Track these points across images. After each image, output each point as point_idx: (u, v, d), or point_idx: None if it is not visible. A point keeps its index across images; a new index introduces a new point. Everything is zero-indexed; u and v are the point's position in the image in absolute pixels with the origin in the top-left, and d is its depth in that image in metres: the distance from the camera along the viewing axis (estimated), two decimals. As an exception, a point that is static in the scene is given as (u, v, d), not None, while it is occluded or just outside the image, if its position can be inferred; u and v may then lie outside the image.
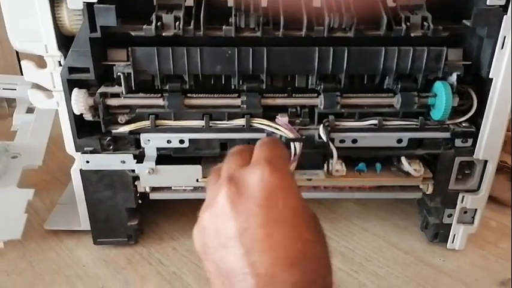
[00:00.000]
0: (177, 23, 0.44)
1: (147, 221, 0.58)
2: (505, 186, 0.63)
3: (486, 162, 0.50)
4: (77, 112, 0.46)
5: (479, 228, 0.54)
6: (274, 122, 0.47)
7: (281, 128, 0.47)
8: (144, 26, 0.43)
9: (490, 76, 0.45)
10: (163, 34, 0.44)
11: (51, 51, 0.45)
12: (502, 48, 0.44)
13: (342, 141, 0.48)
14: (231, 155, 0.35)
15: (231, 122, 0.48)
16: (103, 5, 0.42)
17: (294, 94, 0.48)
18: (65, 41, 0.45)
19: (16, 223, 0.49)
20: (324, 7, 0.44)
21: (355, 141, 0.48)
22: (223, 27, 0.44)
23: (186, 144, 0.48)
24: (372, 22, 0.45)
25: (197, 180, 0.50)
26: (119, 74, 0.46)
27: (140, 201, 0.53)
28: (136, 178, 0.51)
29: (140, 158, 0.49)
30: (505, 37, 0.43)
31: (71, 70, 0.45)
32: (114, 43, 0.46)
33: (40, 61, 0.46)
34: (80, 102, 0.45)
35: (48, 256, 0.54)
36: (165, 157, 0.49)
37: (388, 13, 0.45)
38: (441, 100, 0.46)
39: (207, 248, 0.31)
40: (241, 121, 0.47)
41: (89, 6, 0.42)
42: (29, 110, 0.67)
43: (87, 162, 0.49)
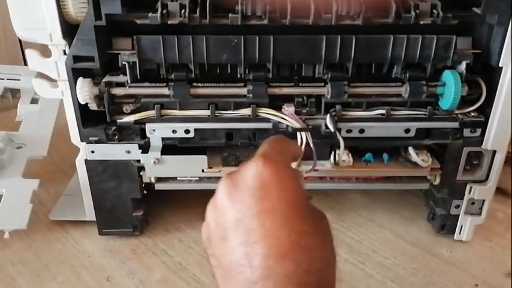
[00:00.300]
0: (183, 11, 0.43)
1: (153, 212, 0.57)
2: (513, 177, 0.62)
3: (494, 152, 0.49)
4: (82, 101, 0.46)
5: (486, 219, 0.53)
6: (280, 112, 0.47)
7: (287, 118, 0.47)
8: (150, 14, 0.43)
9: (500, 65, 0.44)
10: (168, 22, 0.43)
11: (55, 39, 0.44)
12: (513, 36, 0.43)
13: (349, 131, 0.48)
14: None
15: (237, 112, 0.47)
16: (108, -7, 0.41)
17: (301, 83, 0.47)
18: (70, 30, 0.44)
19: (21, 213, 0.49)
20: (332, -6, 0.44)
21: (362, 131, 0.48)
22: (229, 15, 0.43)
23: (192, 134, 0.48)
24: (381, 10, 0.44)
25: (203, 170, 0.50)
26: (124, 63, 0.45)
27: (145, 191, 0.53)
28: (141, 168, 0.50)
29: (145, 148, 0.49)
30: (516, 25, 0.43)
31: (76, 59, 0.44)
32: (119, 32, 0.45)
33: (44, 51, 0.46)
34: (85, 91, 0.45)
35: (53, 246, 0.53)
36: (171, 147, 0.49)
37: (397, 0, 0.44)
38: (450, 89, 0.45)
39: (211, 243, 0.32)
40: (247, 111, 0.47)
41: (94, -7, 0.41)
42: (34, 101, 0.67)
43: (92, 152, 0.49)
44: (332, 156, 0.50)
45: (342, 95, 0.47)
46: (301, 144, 0.46)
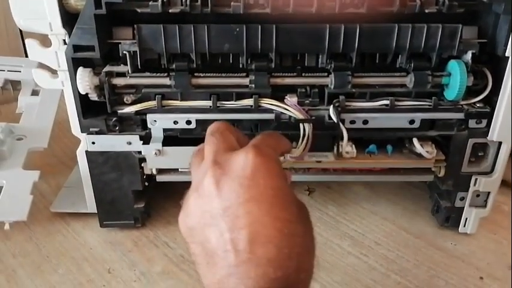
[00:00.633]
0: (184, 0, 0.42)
1: (154, 204, 0.57)
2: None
3: (500, 144, 0.48)
4: (82, 92, 0.45)
5: (491, 212, 0.53)
6: (283, 103, 0.46)
7: (290, 109, 0.46)
8: (150, 3, 0.42)
9: (506, 54, 0.44)
10: (169, 11, 0.43)
11: (55, 29, 0.44)
12: (519, 25, 0.42)
13: (353, 122, 0.47)
14: (213, 136, 0.36)
15: (239, 102, 0.47)
16: (108, -19, 0.41)
17: (304, 73, 0.47)
18: (70, 19, 0.43)
19: (22, 205, 0.49)
20: (336, -18, 0.43)
21: (366, 122, 0.47)
22: (231, 3, 0.43)
23: (193, 125, 0.47)
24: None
25: (204, 162, 0.49)
26: (125, 53, 0.45)
27: (147, 183, 0.52)
28: (142, 160, 0.50)
29: (146, 139, 0.48)
30: (523, 13, 0.42)
31: (76, 48, 0.44)
32: (119, 21, 0.45)
33: (45, 41, 0.45)
34: (85, 81, 0.44)
35: (54, 239, 0.53)
36: (172, 138, 0.49)
37: (402, -12, 0.43)
38: (455, 79, 0.45)
39: (193, 231, 0.32)
40: (249, 101, 0.46)
41: (94, -19, 0.41)
42: (34, 93, 0.66)
43: (92, 143, 0.48)
44: (335, 147, 0.49)
45: (346, 85, 0.46)
46: (303, 136, 0.46)
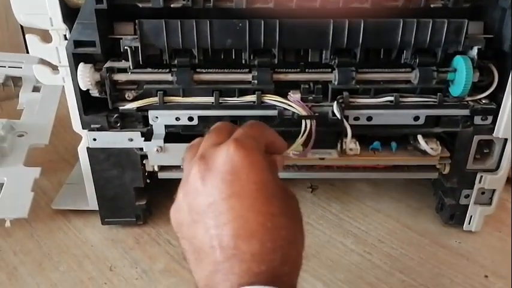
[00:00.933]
0: (186, -6, 0.42)
1: (156, 201, 0.57)
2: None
3: (506, 140, 0.48)
4: (83, 87, 0.45)
5: (496, 209, 0.52)
6: (286, 99, 0.46)
7: (293, 105, 0.45)
8: (152, -3, 0.42)
9: (513, 50, 0.43)
10: (171, 6, 0.42)
11: (56, 24, 0.43)
12: (526, 20, 0.42)
13: (356, 118, 0.47)
14: (209, 133, 0.36)
15: (242, 99, 0.46)
16: (109, -25, 0.40)
17: (307, 69, 0.46)
18: (71, 14, 0.43)
19: (22, 202, 0.48)
20: (340, -23, 0.42)
21: (370, 118, 0.47)
22: (234, -2, 0.42)
23: (195, 121, 0.47)
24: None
25: (207, 158, 0.49)
26: (126, 48, 0.44)
27: (148, 180, 0.52)
28: (144, 157, 0.49)
29: (148, 136, 0.48)
30: (530, 8, 0.41)
31: (77, 44, 0.43)
32: (120, 16, 0.44)
33: (46, 36, 0.45)
34: (86, 77, 0.44)
35: (56, 236, 0.53)
36: (174, 135, 0.48)
37: (407, -17, 0.43)
38: (461, 75, 0.44)
39: (182, 226, 0.33)
40: (252, 97, 0.46)
41: (95, -24, 0.40)
42: (35, 89, 0.66)
43: (94, 140, 0.48)
44: (339, 144, 0.49)
45: (350, 81, 0.45)
46: (303, 132, 0.45)
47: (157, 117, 0.47)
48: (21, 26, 0.76)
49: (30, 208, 0.48)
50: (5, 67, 0.68)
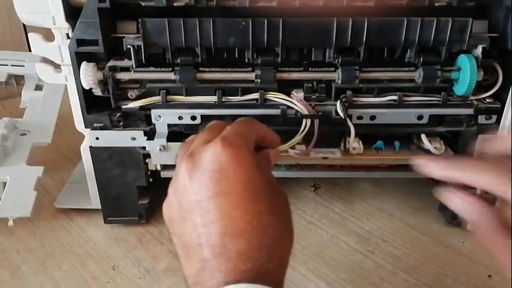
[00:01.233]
0: (189, -7, 0.42)
1: (158, 200, 0.56)
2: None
3: (510, 140, 0.48)
4: (86, 86, 0.45)
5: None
6: (289, 97, 0.46)
7: (296, 103, 0.45)
8: (155, -4, 0.42)
9: (517, 49, 0.43)
10: (174, 4, 0.42)
11: (58, 23, 0.43)
12: (531, 19, 0.42)
13: (360, 117, 0.47)
14: (203, 131, 0.36)
15: (245, 97, 0.46)
16: (111, -27, 0.40)
17: (311, 68, 0.46)
18: (73, 13, 0.43)
19: (25, 201, 0.48)
20: (343, -25, 0.42)
21: (373, 117, 0.47)
22: (237, -4, 0.42)
23: (198, 120, 0.47)
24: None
25: (209, 157, 0.49)
26: (129, 47, 0.44)
27: (151, 179, 0.52)
28: (147, 155, 0.49)
29: (151, 135, 0.48)
30: (535, 7, 0.41)
31: (79, 43, 0.43)
32: (123, 14, 0.44)
33: (48, 35, 0.45)
34: (89, 76, 0.44)
35: (58, 234, 0.53)
36: (177, 134, 0.48)
37: (411, -19, 0.42)
38: (465, 74, 0.44)
39: (173, 222, 0.34)
40: (255, 95, 0.46)
41: (97, -26, 0.40)
42: (38, 87, 0.66)
43: (96, 139, 0.48)
44: (342, 143, 0.49)
45: (353, 80, 0.45)
46: (303, 130, 0.45)
47: (160, 116, 0.47)
48: (23, 25, 0.76)
49: (33, 207, 0.48)
50: (8, 65, 0.69)
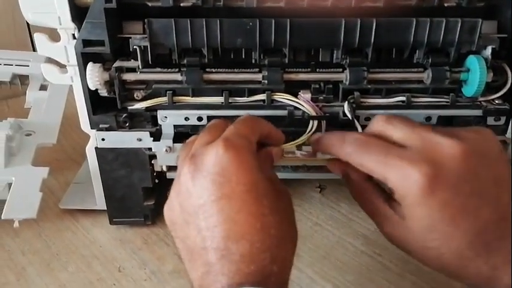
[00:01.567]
0: (196, -7, 0.41)
1: (164, 201, 0.55)
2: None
3: (519, 141, 0.47)
4: (92, 87, 0.44)
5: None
6: (296, 98, 0.45)
7: (303, 103, 0.45)
8: (161, -4, 0.41)
9: (527, 50, 0.43)
10: (181, 4, 0.42)
11: (64, 23, 0.43)
12: (542, 19, 0.41)
13: (368, 119, 0.46)
14: (204, 131, 0.36)
15: (252, 98, 0.46)
16: (118, -26, 0.40)
17: (318, 69, 0.46)
18: (79, 13, 0.43)
19: (31, 202, 0.48)
20: (352, -25, 0.42)
21: (381, 119, 0.46)
22: (244, -4, 0.42)
23: (205, 121, 0.47)
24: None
25: (216, 159, 0.49)
26: (135, 48, 0.44)
27: (157, 180, 0.52)
28: (153, 157, 0.49)
29: (157, 136, 0.48)
30: (545, 7, 0.41)
31: (86, 43, 0.43)
32: (130, 15, 0.44)
33: (53, 35, 0.44)
34: (95, 76, 0.44)
35: (64, 236, 0.53)
36: (183, 135, 0.48)
37: (420, -19, 0.42)
38: (475, 75, 0.43)
39: (176, 225, 0.34)
40: (261, 96, 0.45)
41: (104, -26, 0.40)
42: (43, 87, 0.66)
43: (102, 140, 0.48)
44: (349, 144, 0.48)
45: (361, 81, 0.45)
46: (309, 131, 0.44)
47: (166, 117, 0.47)
48: (27, 25, 0.76)
49: (38, 208, 0.48)
50: (12, 65, 0.68)
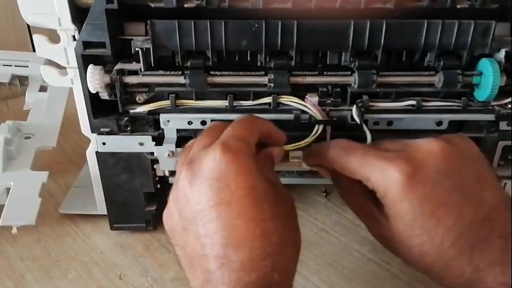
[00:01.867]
0: (200, -6, 0.40)
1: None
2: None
3: (532, 147, 0.46)
4: (93, 90, 0.43)
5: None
6: (303, 102, 0.44)
7: (310, 107, 0.44)
8: (164, -3, 0.40)
9: (541, 53, 0.41)
10: (184, 5, 0.40)
11: (64, 24, 0.41)
12: (557, 21, 0.40)
13: (376, 123, 0.45)
14: (201, 134, 0.35)
15: (257, 102, 0.44)
16: (120, -26, 0.38)
17: (326, 72, 0.44)
18: (80, 14, 0.41)
19: (30, 208, 0.47)
20: (361, -25, 0.40)
21: (390, 123, 0.45)
22: (250, -3, 0.40)
23: (209, 125, 0.45)
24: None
25: (219, 164, 0.47)
26: (137, 50, 0.43)
27: (159, 185, 0.50)
28: (155, 161, 0.48)
29: (159, 140, 0.46)
30: (561, 8, 0.39)
31: (86, 45, 0.42)
32: (131, 16, 0.43)
33: (53, 36, 0.43)
34: (96, 79, 0.42)
35: (63, 241, 0.51)
36: (186, 139, 0.46)
37: (432, -18, 0.41)
38: (488, 79, 0.42)
39: (175, 233, 0.33)
40: (267, 99, 0.44)
41: (105, -26, 0.38)
42: (42, 89, 0.65)
43: (103, 144, 0.46)
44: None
45: (370, 85, 0.43)
46: (314, 134, 0.43)
47: (169, 121, 0.45)
48: (27, 25, 0.75)
49: (37, 214, 0.47)
50: (11, 66, 0.67)
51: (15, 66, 0.67)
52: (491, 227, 0.31)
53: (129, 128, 0.46)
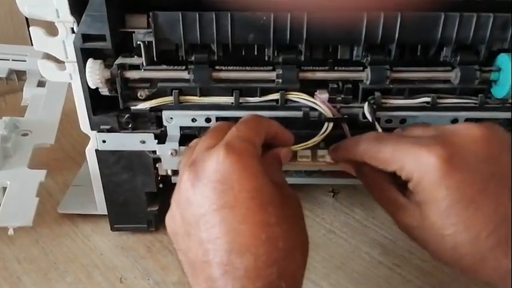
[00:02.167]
0: (205, -16, 0.38)
1: (168, 207, 0.53)
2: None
3: (550, 146, 0.44)
4: (92, 86, 0.41)
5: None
6: (312, 98, 0.42)
7: (320, 105, 0.42)
8: (168, -13, 0.38)
9: None
10: (189, -4, 0.39)
11: (63, 16, 0.39)
12: None
13: (389, 121, 0.43)
14: (206, 134, 0.34)
15: (264, 98, 0.42)
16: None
17: (336, 67, 0.42)
18: (79, 5, 0.39)
19: (27, 208, 0.45)
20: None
21: (403, 121, 0.43)
22: (258, -12, 0.38)
23: (213, 123, 0.43)
24: (431, -17, 0.39)
25: (224, 162, 0.46)
26: (139, 43, 0.41)
27: (161, 185, 0.49)
28: (157, 160, 0.46)
29: (162, 138, 0.44)
30: None
31: (85, 38, 0.40)
32: (133, 7, 0.41)
33: (51, 29, 0.41)
34: (96, 74, 0.40)
35: (62, 243, 0.50)
36: (190, 137, 0.44)
37: (450, -27, 0.39)
38: (506, 75, 0.40)
39: (177, 236, 0.32)
40: (275, 96, 0.42)
41: (105, -37, 0.36)
42: (40, 84, 0.63)
43: (103, 141, 0.45)
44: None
45: (383, 81, 0.41)
46: (323, 132, 0.41)
47: (172, 118, 0.44)
48: (26, 18, 0.73)
49: (35, 214, 0.45)
50: (9, 60, 0.65)
51: (12, 60, 0.65)
52: None
53: (130, 125, 0.44)
